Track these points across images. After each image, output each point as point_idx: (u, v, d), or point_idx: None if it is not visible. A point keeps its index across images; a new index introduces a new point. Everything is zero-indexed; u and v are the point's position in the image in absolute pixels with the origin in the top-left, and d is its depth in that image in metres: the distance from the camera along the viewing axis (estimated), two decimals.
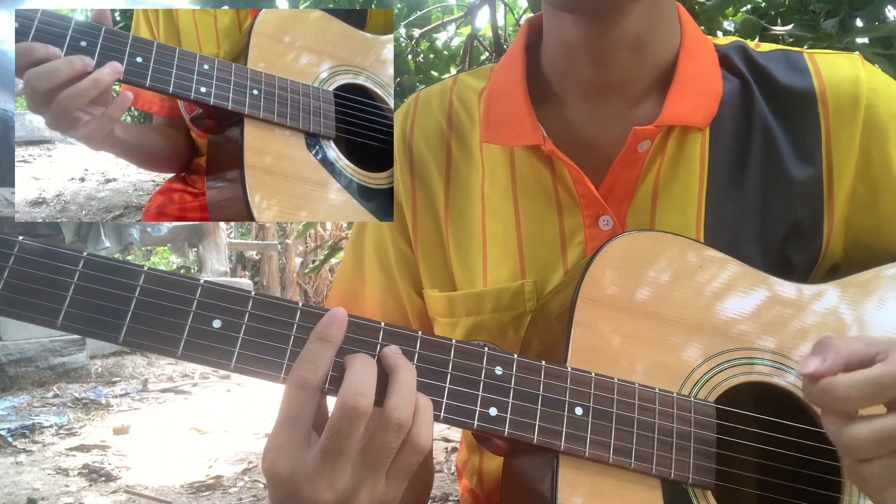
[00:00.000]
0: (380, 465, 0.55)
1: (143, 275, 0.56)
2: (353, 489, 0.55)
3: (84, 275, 0.55)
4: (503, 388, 0.59)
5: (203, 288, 0.57)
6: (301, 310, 0.58)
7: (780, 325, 0.66)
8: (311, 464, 0.54)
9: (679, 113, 0.71)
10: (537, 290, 0.75)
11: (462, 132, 0.82)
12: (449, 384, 0.58)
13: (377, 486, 0.55)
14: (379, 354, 0.58)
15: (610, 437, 0.60)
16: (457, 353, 0.59)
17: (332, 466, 0.54)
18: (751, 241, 0.71)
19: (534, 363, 0.61)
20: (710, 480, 0.61)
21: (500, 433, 0.58)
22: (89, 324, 0.55)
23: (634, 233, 0.67)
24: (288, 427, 0.55)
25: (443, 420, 0.57)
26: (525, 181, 0.77)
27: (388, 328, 0.59)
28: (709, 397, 0.63)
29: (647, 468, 0.60)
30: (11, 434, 4.26)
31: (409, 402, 0.55)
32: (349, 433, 0.54)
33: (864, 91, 0.72)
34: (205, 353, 0.56)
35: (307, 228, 5.21)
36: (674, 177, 0.73)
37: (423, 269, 0.82)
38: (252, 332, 0.57)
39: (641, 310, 0.64)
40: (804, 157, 0.72)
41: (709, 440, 0.62)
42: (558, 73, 0.77)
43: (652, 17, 0.71)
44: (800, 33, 1.37)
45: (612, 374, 0.62)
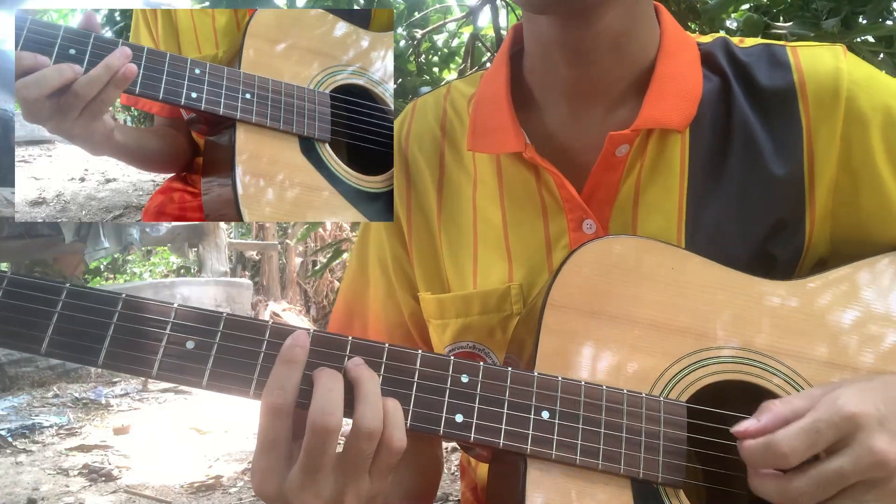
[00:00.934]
0: (359, 470, 0.58)
1: (120, 301, 0.60)
2: (339, 494, 0.58)
3: (66, 304, 0.58)
4: (469, 394, 0.61)
5: (177, 311, 0.60)
6: (270, 328, 0.60)
7: (752, 324, 0.67)
8: (296, 480, 0.57)
9: (656, 116, 0.71)
10: (524, 293, 0.76)
11: (454, 139, 0.83)
12: (415, 392, 0.61)
13: (361, 487, 0.58)
14: (343, 367, 0.60)
15: (577, 438, 0.61)
16: (423, 363, 0.61)
17: (314, 479, 0.57)
18: (733, 240, 0.72)
19: (500, 370, 0.62)
20: (681, 479, 0.61)
21: (465, 439, 0.60)
22: (71, 349, 0.58)
23: (604, 238, 0.68)
24: (268, 450, 0.58)
25: (409, 427, 0.59)
26: (512, 187, 0.78)
27: (356, 341, 0.61)
28: (681, 397, 0.64)
29: (615, 468, 0.61)
30: (11, 434, 4.26)
31: (375, 409, 0.58)
32: (324, 450, 0.56)
33: (845, 83, 0.71)
34: (179, 372, 0.59)
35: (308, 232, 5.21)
36: (654, 179, 0.73)
37: (419, 272, 0.83)
38: (223, 350, 0.60)
39: (611, 313, 0.65)
40: (784, 153, 0.72)
41: (679, 439, 0.62)
42: (538, 76, 0.78)
43: (628, 17, 0.71)
44: (801, 31, 1.36)
45: (582, 378, 0.63)
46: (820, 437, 0.55)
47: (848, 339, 0.68)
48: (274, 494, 0.58)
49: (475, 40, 2.31)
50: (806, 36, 1.36)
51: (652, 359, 0.65)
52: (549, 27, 0.71)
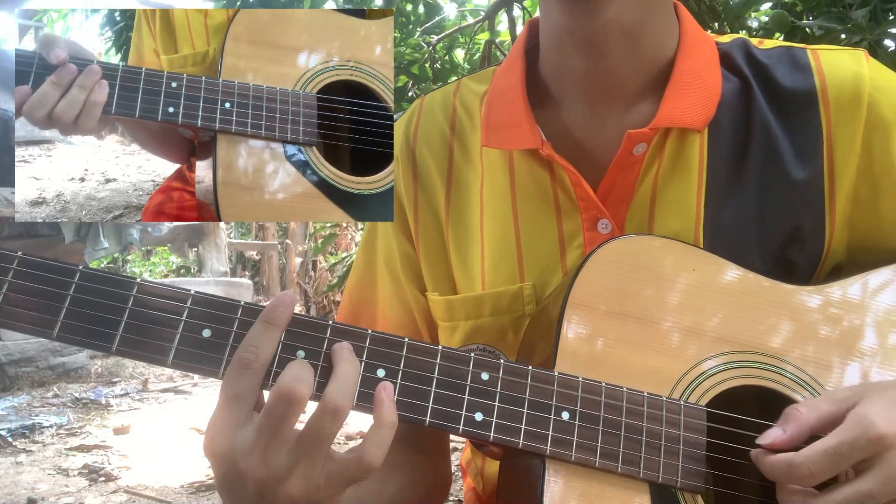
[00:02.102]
0: (314, 451, 0.55)
1: (135, 286, 0.58)
2: (287, 470, 0.55)
3: (80, 287, 0.57)
4: (489, 392, 0.60)
5: (194, 298, 0.58)
6: (293, 318, 0.59)
7: (773, 328, 0.66)
8: (248, 440, 0.55)
9: (675, 115, 0.70)
10: (536, 294, 0.75)
11: (464, 136, 0.82)
12: (435, 388, 0.59)
13: (312, 474, 0.56)
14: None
15: (597, 441, 0.60)
16: (443, 359, 0.60)
17: (266, 444, 0.55)
18: (751, 243, 0.71)
19: (520, 368, 0.60)
20: (700, 484, 0.61)
21: (485, 438, 0.59)
22: (84, 335, 0.56)
23: (626, 237, 0.67)
24: (229, 406, 0.56)
25: (428, 425, 0.58)
26: (524, 184, 0.77)
27: (375, 334, 0.60)
28: (700, 401, 0.63)
29: (634, 472, 0.60)
30: (11, 434, 4.26)
31: (346, 391, 0.56)
32: (284, 417, 0.54)
33: (867, 88, 0.71)
34: (195, 361, 0.57)
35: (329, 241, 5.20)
36: (672, 179, 0.72)
37: (426, 271, 0.82)
38: (241, 340, 0.58)
39: (632, 314, 0.64)
40: (804, 157, 0.71)
41: (699, 444, 0.61)
42: (554, 70, 0.77)
43: (640, 10, 0.70)
44: (829, 25, 1.34)
45: (602, 379, 0.61)
46: (844, 460, 0.55)
47: (871, 347, 0.67)
48: (223, 453, 0.56)
49: (492, 46, 2.29)
50: (834, 30, 1.34)
51: (671, 361, 0.64)
52: (560, 14, 0.70)
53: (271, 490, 0.55)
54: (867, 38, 1.32)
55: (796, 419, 0.57)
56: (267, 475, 0.55)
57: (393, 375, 0.59)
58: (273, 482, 0.55)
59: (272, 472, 0.55)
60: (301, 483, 0.55)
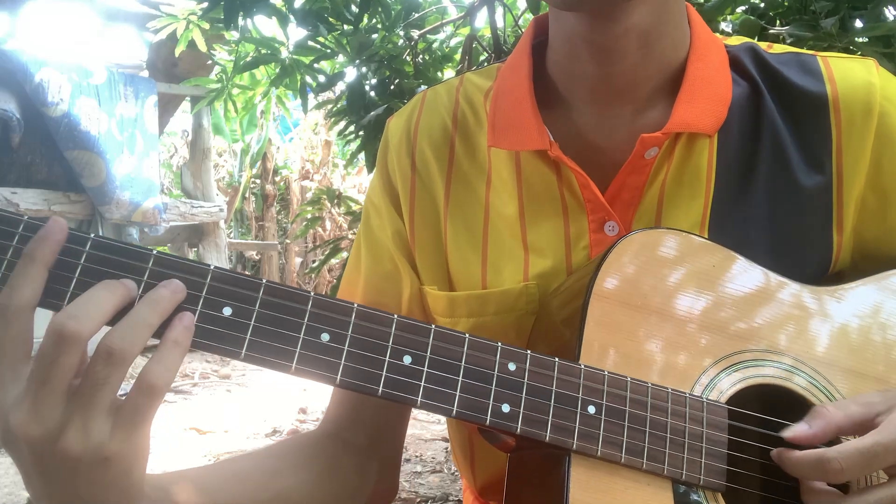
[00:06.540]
0: (89, 402, 0.49)
1: (151, 258, 0.55)
2: (62, 425, 0.49)
3: (90, 256, 0.54)
4: (516, 383, 0.58)
5: (213, 273, 0.55)
6: (313, 299, 0.56)
7: (794, 328, 0.66)
8: (17, 392, 0.49)
9: (688, 119, 0.70)
10: (540, 293, 0.74)
11: (467, 132, 0.81)
12: (462, 378, 0.57)
13: (91, 427, 0.49)
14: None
15: (622, 436, 0.59)
16: (470, 346, 0.58)
17: (36, 394, 0.49)
18: (757, 249, 0.70)
19: (547, 359, 0.60)
20: (721, 482, 0.60)
21: (512, 430, 0.57)
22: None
23: (649, 230, 0.66)
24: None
25: (455, 415, 0.56)
26: (531, 184, 0.76)
27: (401, 319, 0.57)
28: (720, 398, 0.63)
29: (659, 469, 0.59)
30: None
31: (130, 333, 0.50)
32: (55, 359, 0.49)
33: (878, 99, 0.71)
34: (217, 340, 0.54)
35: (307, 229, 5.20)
36: (681, 183, 0.72)
37: (419, 261, 0.82)
38: (262, 319, 0.55)
39: (654, 308, 0.64)
40: (813, 164, 0.71)
41: (720, 441, 0.61)
42: (564, 73, 0.76)
43: (657, 15, 0.69)
44: (799, 33, 1.36)
45: (624, 373, 0.61)
46: (877, 461, 0.55)
47: (890, 352, 0.67)
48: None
49: (473, 41, 2.31)
50: (804, 37, 1.35)
51: (693, 357, 0.63)
52: (577, 23, 0.69)
53: (48, 450, 0.49)
54: (836, 45, 1.32)
55: (824, 417, 0.57)
56: (40, 432, 0.49)
57: (419, 363, 0.57)
58: (47, 439, 0.49)
59: (45, 428, 0.49)
60: (79, 438, 0.49)
